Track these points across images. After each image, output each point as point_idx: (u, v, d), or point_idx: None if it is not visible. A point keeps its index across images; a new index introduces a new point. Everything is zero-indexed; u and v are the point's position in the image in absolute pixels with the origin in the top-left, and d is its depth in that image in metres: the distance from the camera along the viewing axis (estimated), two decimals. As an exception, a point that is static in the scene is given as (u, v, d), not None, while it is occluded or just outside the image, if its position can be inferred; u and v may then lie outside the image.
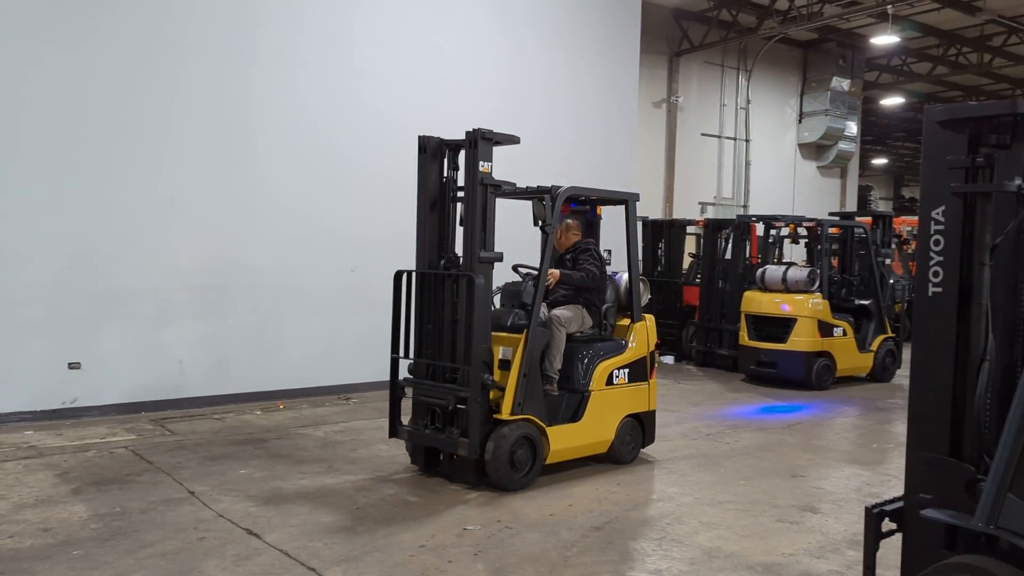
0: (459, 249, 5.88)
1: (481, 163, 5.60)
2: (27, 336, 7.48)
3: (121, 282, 7.91)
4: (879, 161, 34.10)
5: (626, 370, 6.38)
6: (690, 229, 13.64)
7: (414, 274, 6.04)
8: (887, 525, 3.51)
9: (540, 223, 5.83)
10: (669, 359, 12.34)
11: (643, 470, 6.38)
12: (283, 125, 8.84)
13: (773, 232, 11.85)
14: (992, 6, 15.68)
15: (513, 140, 5.86)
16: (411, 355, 6.07)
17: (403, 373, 6.14)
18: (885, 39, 16.32)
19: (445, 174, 6.00)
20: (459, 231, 5.91)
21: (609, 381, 6.27)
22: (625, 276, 6.70)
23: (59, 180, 7.60)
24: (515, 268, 6.36)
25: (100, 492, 5.48)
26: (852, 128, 19.89)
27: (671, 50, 16.75)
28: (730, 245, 12.01)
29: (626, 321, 6.60)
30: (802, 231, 11.70)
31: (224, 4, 8.48)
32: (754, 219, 11.87)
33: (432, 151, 5.92)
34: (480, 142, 5.60)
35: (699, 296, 12.29)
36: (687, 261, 13.68)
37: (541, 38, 10.98)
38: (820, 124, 19.17)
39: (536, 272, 6.08)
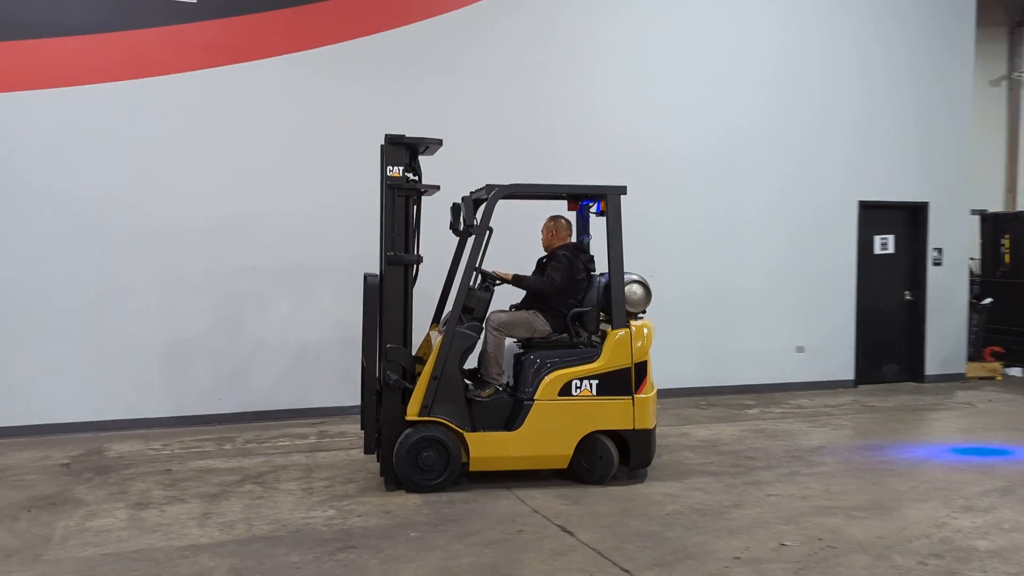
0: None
1: (389, 167, 5.74)
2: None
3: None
4: None
5: (594, 381, 5.81)
6: (1041, 222, 11.85)
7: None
8: None
9: (462, 227, 5.90)
10: (1017, 371, 10.78)
11: (991, 497, 5.61)
12: (583, 134, 9.05)
13: None
14: None
15: (425, 143, 5.76)
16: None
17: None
18: None
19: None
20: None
21: (565, 392, 5.78)
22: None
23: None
24: (478, 271, 5.97)
25: (430, 481, 5.98)
26: None
27: (1012, 19, 14.65)
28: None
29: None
30: None
31: (519, 22, 8.85)
32: None
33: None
34: (387, 147, 5.78)
35: (1055, 299, 10.66)
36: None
37: (858, 23, 10.17)
38: None
39: (485, 273, 6.05)
